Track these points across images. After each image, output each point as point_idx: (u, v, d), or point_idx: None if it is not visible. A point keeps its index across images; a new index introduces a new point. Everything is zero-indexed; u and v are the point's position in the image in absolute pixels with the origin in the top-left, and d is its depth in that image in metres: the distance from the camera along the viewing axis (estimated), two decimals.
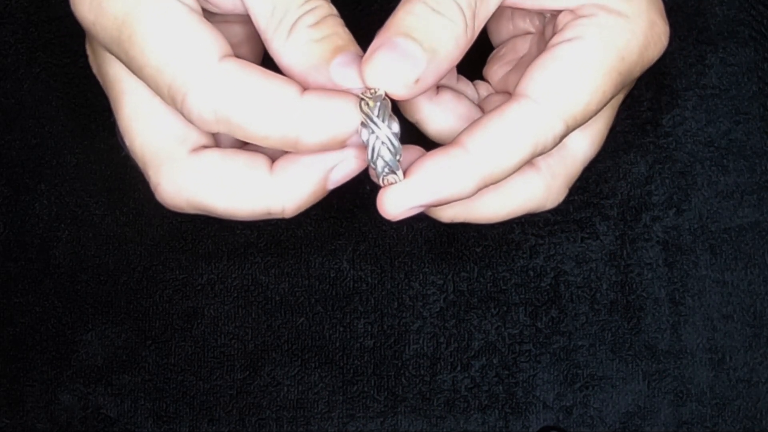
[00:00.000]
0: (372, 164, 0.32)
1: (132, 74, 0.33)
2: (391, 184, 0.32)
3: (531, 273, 0.43)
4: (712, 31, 0.44)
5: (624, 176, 0.43)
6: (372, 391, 0.42)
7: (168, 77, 0.31)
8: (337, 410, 0.42)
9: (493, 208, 0.35)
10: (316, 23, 0.32)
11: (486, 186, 0.32)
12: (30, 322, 0.43)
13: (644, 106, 0.43)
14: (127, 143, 0.34)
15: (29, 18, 0.44)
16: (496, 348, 0.42)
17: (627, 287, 0.43)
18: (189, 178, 0.33)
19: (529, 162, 0.33)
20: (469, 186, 0.32)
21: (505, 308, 0.43)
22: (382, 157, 0.32)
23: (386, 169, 0.32)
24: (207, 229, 0.43)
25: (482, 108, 0.37)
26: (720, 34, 0.44)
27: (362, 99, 0.31)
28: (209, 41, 0.31)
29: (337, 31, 0.32)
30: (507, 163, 0.32)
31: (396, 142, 0.31)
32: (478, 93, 0.38)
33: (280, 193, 0.33)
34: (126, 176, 0.43)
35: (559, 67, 0.32)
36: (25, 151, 0.43)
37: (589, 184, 0.43)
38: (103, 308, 0.43)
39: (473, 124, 0.32)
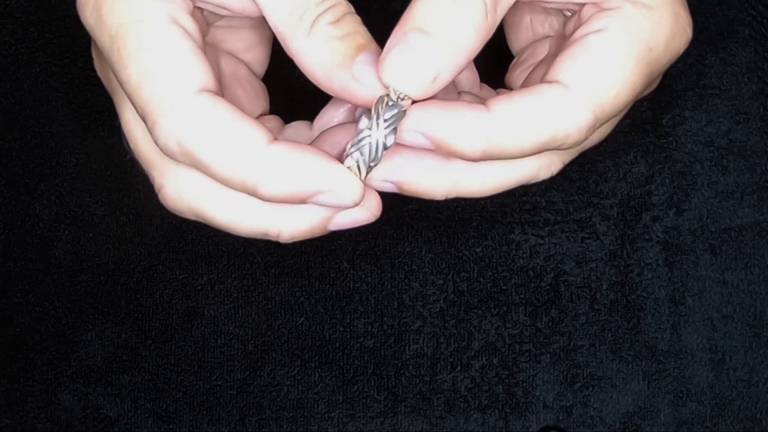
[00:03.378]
0: (348, 150, 0.31)
1: None
2: (349, 167, 0.31)
3: (531, 273, 0.43)
4: (712, 31, 0.44)
5: (624, 176, 0.43)
6: (372, 391, 0.42)
7: (143, 99, 0.31)
8: (337, 410, 0.42)
9: (486, 178, 0.34)
10: (337, 20, 0.31)
11: (490, 158, 0.31)
12: (30, 322, 0.43)
13: (644, 106, 0.43)
14: (132, 146, 0.34)
15: (29, 18, 0.44)
16: (496, 348, 0.42)
17: (627, 287, 0.43)
18: (192, 185, 0.33)
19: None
20: (477, 147, 0.31)
21: (505, 308, 0.43)
22: (360, 152, 0.31)
23: (356, 163, 0.31)
24: (207, 229, 0.43)
25: None
26: (720, 34, 0.44)
27: (386, 96, 0.30)
28: (190, 71, 0.31)
29: (357, 29, 0.31)
30: (523, 139, 0.31)
31: (380, 154, 0.31)
32: None
33: (279, 219, 0.32)
34: (126, 176, 0.43)
35: (589, 57, 0.31)
36: (25, 151, 0.43)
37: (589, 184, 0.43)
38: (103, 308, 0.43)
39: (503, 94, 0.32)
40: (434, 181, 0.33)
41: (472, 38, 0.31)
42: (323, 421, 0.42)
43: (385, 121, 0.31)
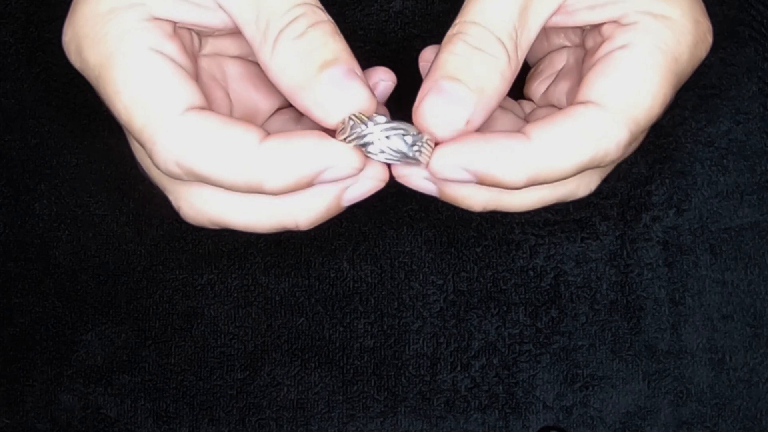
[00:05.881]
0: (388, 159, 0.31)
1: None
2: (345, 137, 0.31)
3: (531, 273, 0.43)
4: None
5: (624, 176, 0.43)
6: (372, 391, 0.42)
7: (137, 130, 0.31)
8: (337, 410, 0.42)
9: (526, 193, 0.34)
10: (302, 34, 0.31)
11: (535, 184, 0.32)
12: (30, 322, 0.43)
13: None
14: (145, 170, 0.35)
15: (29, 18, 0.44)
16: (496, 348, 0.42)
17: (627, 287, 0.43)
18: (206, 200, 0.33)
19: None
20: (520, 176, 0.31)
21: (505, 308, 0.43)
22: (394, 147, 0.31)
23: (349, 129, 0.31)
24: (207, 229, 0.43)
25: (528, 121, 0.36)
26: (720, 34, 0.44)
27: (345, 136, 0.31)
28: (174, 93, 0.31)
29: (325, 42, 0.31)
30: (565, 163, 0.31)
31: (396, 124, 0.31)
32: (523, 111, 0.38)
33: (293, 210, 0.33)
34: (126, 176, 0.43)
35: (619, 74, 0.32)
36: (25, 151, 0.43)
37: None
38: (103, 308, 0.43)
39: (540, 119, 0.32)
40: (474, 190, 0.34)
41: (499, 83, 0.31)
42: (323, 421, 0.42)
43: (366, 123, 0.31)
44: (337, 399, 0.42)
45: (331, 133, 0.32)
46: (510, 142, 0.31)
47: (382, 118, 0.31)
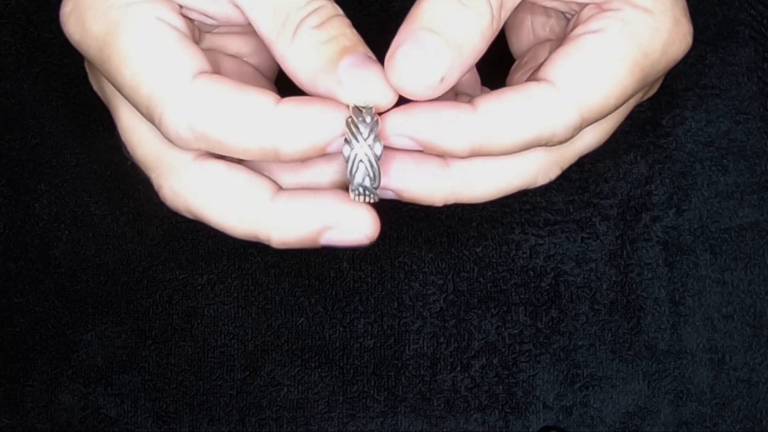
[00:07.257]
0: (348, 178, 0.31)
1: None
2: (367, 202, 0.31)
3: (531, 273, 0.43)
4: (712, 31, 0.44)
5: (624, 176, 0.43)
6: (372, 391, 0.42)
7: (144, 97, 0.31)
8: (337, 410, 0.42)
9: (484, 184, 0.34)
10: (321, 24, 0.31)
11: (478, 154, 0.31)
12: (30, 322, 0.43)
13: (644, 106, 0.43)
14: (130, 151, 0.35)
15: (29, 18, 0.44)
16: (496, 348, 0.42)
17: (627, 287, 0.43)
18: (189, 186, 0.33)
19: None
20: (463, 144, 0.31)
21: (505, 308, 0.43)
22: (357, 176, 0.31)
23: (360, 189, 0.31)
24: (207, 229, 0.43)
25: None
26: (720, 34, 0.44)
27: (350, 116, 0.30)
28: (184, 59, 0.31)
29: (344, 32, 0.31)
30: (509, 136, 0.31)
31: (375, 164, 0.30)
32: None
33: (271, 223, 0.32)
34: (126, 176, 0.43)
35: (581, 57, 0.31)
36: (25, 151, 0.43)
37: (589, 184, 0.43)
38: (103, 308, 0.43)
39: (491, 92, 0.32)
40: (433, 187, 0.33)
41: (479, 42, 0.31)
42: (323, 421, 0.42)
43: (362, 134, 0.30)
44: (337, 399, 0.42)
45: None
46: (454, 111, 0.31)
47: (379, 148, 0.30)
